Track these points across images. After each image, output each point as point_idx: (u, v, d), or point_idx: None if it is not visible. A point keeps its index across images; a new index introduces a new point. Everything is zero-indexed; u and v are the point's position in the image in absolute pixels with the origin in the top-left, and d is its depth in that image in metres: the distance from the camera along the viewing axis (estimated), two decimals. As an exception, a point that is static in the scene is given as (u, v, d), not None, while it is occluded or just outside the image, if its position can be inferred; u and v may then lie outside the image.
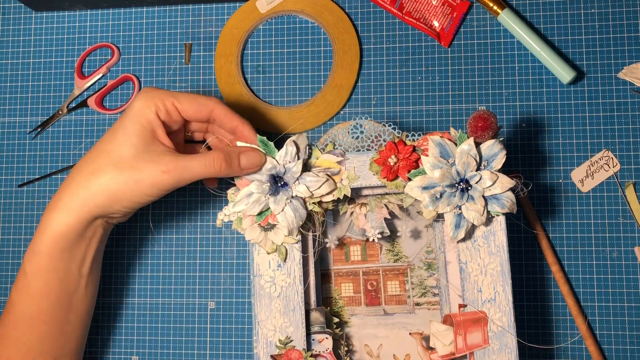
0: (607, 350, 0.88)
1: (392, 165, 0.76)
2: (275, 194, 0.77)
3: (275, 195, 0.77)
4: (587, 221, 0.89)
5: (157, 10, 0.98)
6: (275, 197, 0.77)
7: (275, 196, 0.77)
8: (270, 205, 0.77)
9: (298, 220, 0.77)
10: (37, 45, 0.99)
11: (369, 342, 0.87)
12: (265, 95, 0.95)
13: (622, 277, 0.88)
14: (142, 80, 0.97)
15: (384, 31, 0.94)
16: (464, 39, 0.93)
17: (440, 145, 0.75)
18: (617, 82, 0.90)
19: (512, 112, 0.91)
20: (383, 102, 0.93)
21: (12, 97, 0.99)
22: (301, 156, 0.77)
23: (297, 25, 0.96)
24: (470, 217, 0.75)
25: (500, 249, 0.77)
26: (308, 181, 0.77)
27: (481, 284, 0.77)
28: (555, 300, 0.89)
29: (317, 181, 0.77)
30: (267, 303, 0.79)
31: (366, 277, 0.89)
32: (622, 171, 0.89)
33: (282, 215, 0.77)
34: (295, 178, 0.77)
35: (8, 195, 0.97)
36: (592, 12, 0.92)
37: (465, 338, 0.77)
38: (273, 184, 0.77)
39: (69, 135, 0.97)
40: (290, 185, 0.77)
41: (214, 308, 0.93)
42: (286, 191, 0.77)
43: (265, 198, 0.77)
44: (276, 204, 0.77)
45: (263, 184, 0.76)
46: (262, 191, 0.76)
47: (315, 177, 0.77)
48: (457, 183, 0.75)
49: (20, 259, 0.96)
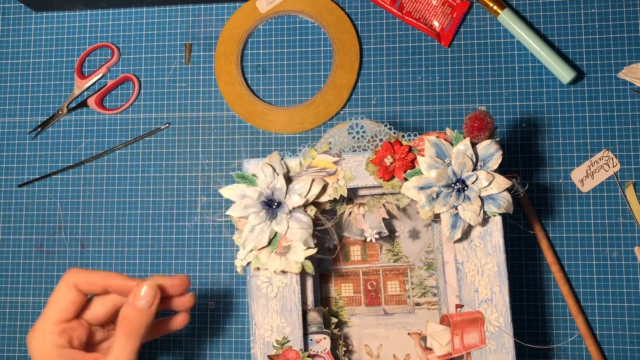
0: (607, 350, 0.87)
1: (388, 165, 0.76)
2: (274, 216, 0.77)
3: (275, 217, 0.77)
4: (587, 221, 0.89)
5: (157, 10, 0.98)
6: (275, 219, 0.77)
7: (275, 218, 0.77)
8: (275, 229, 0.77)
9: (307, 228, 0.77)
10: (37, 45, 0.99)
11: (369, 342, 0.87)
12: (265, 95, 0.95)
13: (622, 277, 0.88)
14: (142, 80, 0.97)
15: (384, 31, 0.94)
16: (464, 39, 0.93)
17: (437, 146, 0.75)
18: (617, 82, 0.90)
19: (512, 112, 0.91)
20: (383, 102, 0.93)
21: (12, 97, 0.99)
22: (279, 172, 0.77)
23: (297, 25, 0.96)
24: (466, 217, 0.75)
25: (497, 249, 0.77)
26: (297, 189, 0.77)
27: (478, 284, 0.77)
28: (555, 300, 0.89)
29: (305, 185, 0.77)
30: (264, 303, 0.79)
31: (366, 277, 0.89)
32: (622, 171, 0.89)
33: (290, 232, 0.77)
34: (284, 193, 0.77)
35: (8, 195, 0.97)
36: (592, 12, 0.91)
37: (462, 338, 0.77)
38: (268, 209, 0.77)
39: (69, 135, 0.97)
40: (283, 201, 0.77)
41: (214, 308, 0.93)
42: (283, 209, 0.77)
43: (267, 225, 0.77)
44: (279, 224, 0.76)
45: (259, 212, 0.76)
46: (261, 219, 0.76)
47: (301, 182, 0.77)
48: (453, 183, 0.75)
49: (21, 258, 0.96)
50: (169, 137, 0.96)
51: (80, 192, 0.96)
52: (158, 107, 0.96)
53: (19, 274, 0.96)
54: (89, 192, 0.96)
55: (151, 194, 0.95)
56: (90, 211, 0.96)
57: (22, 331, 0.95)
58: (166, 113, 0.96)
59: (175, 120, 0.96)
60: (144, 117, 0.96)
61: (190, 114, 0.96)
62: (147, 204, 0.95)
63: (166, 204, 0.95)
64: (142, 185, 0.95)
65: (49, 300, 0.73)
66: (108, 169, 0.96)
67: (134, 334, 0.72)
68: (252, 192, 0.76)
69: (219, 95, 0.95)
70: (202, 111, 0.96)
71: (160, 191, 0.95)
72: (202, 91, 0.96)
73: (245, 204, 0.77)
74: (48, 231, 0.96)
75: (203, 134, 0.95)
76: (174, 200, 0.94)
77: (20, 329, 0.95)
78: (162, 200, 0.94)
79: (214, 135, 0.95)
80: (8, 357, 0.95)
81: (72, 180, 0.96)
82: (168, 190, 0.95)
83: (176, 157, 0.95)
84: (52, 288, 0.95)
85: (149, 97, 0.97)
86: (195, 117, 0.95)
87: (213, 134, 0.95)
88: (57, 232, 0.96)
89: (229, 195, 0.77)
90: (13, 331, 0.95)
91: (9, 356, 0.95)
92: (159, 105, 0.96)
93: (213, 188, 0.94)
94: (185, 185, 0.94)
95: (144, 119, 0.96)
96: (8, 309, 0.95)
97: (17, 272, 0.96)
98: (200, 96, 0.96)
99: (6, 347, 0.95)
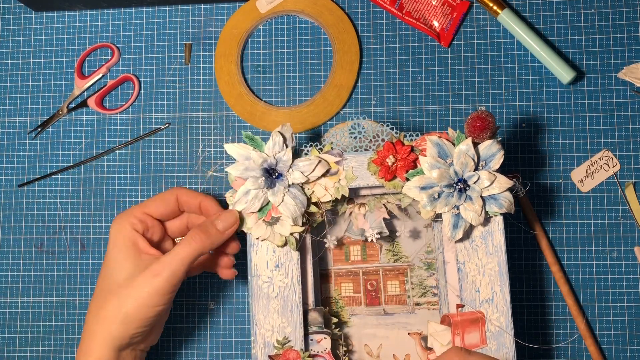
0: (607, 350, 0.88)
1: (390, 165, 0.76)
2: (272, 186, 0.77)
3: (272, 187, 0.77)
4: (587, 221, 0.89)
5: (157, 10, 0.98)
6: (272, 189, 0.77)
7: (272, 188, 0.77)
8: (270, 198, 0.77)
9: (300, 207, 0.77)
10: (37, 45, 0.99)
11: (369, 342, 0.87)
12: (265, 95, 0.95)
13: (622, 277, 0.88)
14: (142, 80, 0.97)
15: (384, 31, 0.94)
16: (464, 39, 0.93)
17: (438, 146, 0.75)
18: (617, 82, 0.90)
19: (512, 112, 0.91)
20: (383, 102, 0.93)
21: (12, 97, 0.99)
22: (289, 144, 0.77)
23: (297, 25, 0.96)
24: (468, 217, 0.75)
25: (498, 249, 0.77)
26: (301, 166, 0.77)
27: (479, 284, 0.77)
28: (555, 300, 0.89)
29: (310, 164, 0.77)
30: (265, 303, 0.79)
31: (366, 277, 0.89)
32: (622, 171, 0.89)
33: (283, 205, 0.77)
34: (287, 166, 0.77)
35: (8, 195, 0.97)
36: (592, 12, 0.92)
37: (463, 338, 0.77)
38: (268, 177, 0.77)
39: (69, 135, 0.97)
40: (285, 174, 0.77)
41: (213, 308, 0.93)
42: (282, 181, 0.77)
43: (262, 192, 0.77)
44: (275, 195, 0.77)
45: (258, 178, 0.76)
46: (259, 186, 0.76)
47: (307, 161, 0.77)
48: (455, 183, 0.75)
49: (20, 258, 0.96)
50: (169, 137, 0.95)
51: (80, 192, 0.96)
52: (158, 107, 0.96)
53: (19, 274, 0.96)
54: (89, 192, 0.96)
55: (151, 194, 0.95)
56: (90, 211, 0.96)
57: (22, 331, 0.95)
58: (166, 113, 0.96)
59: (175, 120, 0.96)
60: (144, 117, 0.96)
61: (190, 114, 0.96)
62: (147, 204, 0.95)
63: (166, 204, 0.94)
64: (142, 185, 0.95)
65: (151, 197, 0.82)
66: (108, 169, 0.96)
67: (198, 244, 0.77)
68: (257, 157, 0.77)
69: (219, 95, 0.95)
70: (202, 111, 0.95)
71: (160, 191, 0.95)
72: (202, 91, 0.96)
73: (246, 166, 0.77)
74: (48, 231, 0.96)
75: (203, 134, 0.95)
76: (174, 200, 0.94)
77: (20, 329, 0.95)
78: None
79: (214, 135, 0.95)
80: (8, 357, 0.95)
81: (72, 180, 0.96)
82: (168, 190, 0.95)
83: (176, 157, 0.95)
84: (52, 288, 0.95)
85: (149, 97, 0.96)
86: (195, 117, 0.95)
87: (213, 134, 0.95)
88: (57, 232, 0.96)
89: (233, 153, 0.78)
90: (13, 331, 0.95)
91: (9, 356, 0.95)
92: (159, 105, 0.96)
93: (213, 188, 0.94)
94: (185, 185, 0.94)
95: (144, 119, 0.96)
96: (8, 309, 0.95)
97: (17, 272, 0.96)
98: (200, 96, 0.96)
99: (6, 347, 0.95)
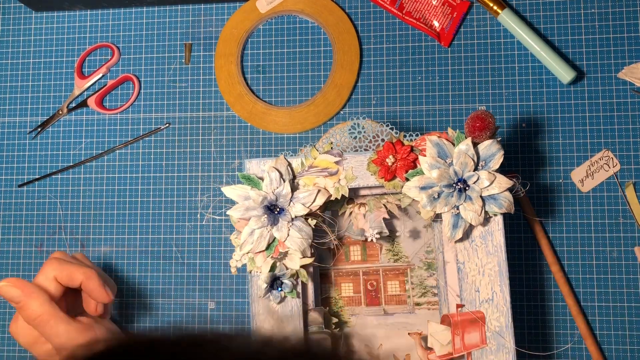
0: (607, 350, 0.88)
1: (389, 165, 0.76)
2: (275, 222, 0.76)
3: (276, 223, 0.76)
4: (587, 221, 0.89)
5: (157, 10, 0.98)
6: (276, 225, 0.76)
7: (276, 224, 0.76)
8: (275, 235, 0.76)
9: (306, 239, 0.77)
10: (37, 45, 0.99)
11: (369, 342, 0.87)
12: (265, 95, 0.95)
13: (622, 277, 0.88)
14: (142, 80, 0.97)
15: (384, 31, 0.94)
16: (464, 39, 0.93)
17: (438, 146, 0.75)
18: (617, 82, 0.90)
19: (512, 112, 0.91)
20: (383, 102, 0.93)
21: (12, 97, 0.99)
22: (286, 178, 0.77)
23: (297, 25, 0.96)
24: (468, 217, 0.75)
25: (498, 249, 0.77)
26: (302, 198, 0.77)
27: (479, 284, 0.77)
28: (555, 300, 0.89)
29: (310, 194, 0.76)
30: (265, 303, 0.79)
31: (366, 277, 0.89)
32: (622, 171, 0.89)
33: (289, 240, 0.77)
34: (288, 200, 0.77)
35: (8, 195, 0.97)
36: (592, 12, 0.92)
37: (463, 338, 0.77)
38: (270, 214, 0.76)
39: (69, 135, 0.97)
40: (287, 208, 0.77)
41: (214, 308, 0.93)
42: (285, 216, 0.76)
43: (267, 230, 0.76)
44: (279, 231, 0.76)
45: (260, 217, 0.76)
46: (262, 224, 0.76)
47: (307, 191, 0.77)
48: (454, 183, 0.75)
49: (20, 258, 0.96)
50: (169, 137, 0.96)
51: (80, 192, 0.96)
52: (158, 107, 0.96)
53: (19, 274, 0.96)
54: (89, 192, 0.96)
55: (151, 194, 0.95)
56: (90, 211, 0.96)
57: (22, 331, 0.95)
58: (166, 113, 0.96)
59: (175, 120, 0.96)
60: (144, 117, 0.96)
61: (190, 114, 0.96)
62: (147, 204, 0.95)
63: (166, 204, 0.94)
64: (142, 185, 0.95)
65: None
66: (108, 169, 0.96)
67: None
68: (256, 196, 0.76)
69: (219, 95, 0.95)
70: (202, 111, 0.95)
71: (160, 191, 0.95)
72: (202, 91, 0.96)
73: (247, 206, 0.76)
74: (48, 231, 0.96)
75: (203, 134, 0.95)
76: (174, 200, 0.94)
77: (20, 329, 0.95)
78: (162, 200, 0.94)
79: (214, 135, 0.95)
80: (8, 357, 0.95)
81: (72, 180, 0.96)
82: (168, 190, 0.95)
83: (176, 157, 0.95)
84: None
85: (149, 97, 0.96)
86: (195, 117, 0.95)
87: (213, 134, 0.95)
88: (57, 232, 0.96)
89: (232, 195, 0.77)
90: (13, 331, 0.95)
91: (9, 356, 0.95)
92: (159, 105, 0.96)
93: (213, 188, 0.94)
94: (185, 185, 0.94)
95: (144, 119, 0.96)
96: (8, 309, 0.95)
97: (17, 272, 0.96)
98: (200, 96, 0.96)
99: (6, 347, 0.95)
